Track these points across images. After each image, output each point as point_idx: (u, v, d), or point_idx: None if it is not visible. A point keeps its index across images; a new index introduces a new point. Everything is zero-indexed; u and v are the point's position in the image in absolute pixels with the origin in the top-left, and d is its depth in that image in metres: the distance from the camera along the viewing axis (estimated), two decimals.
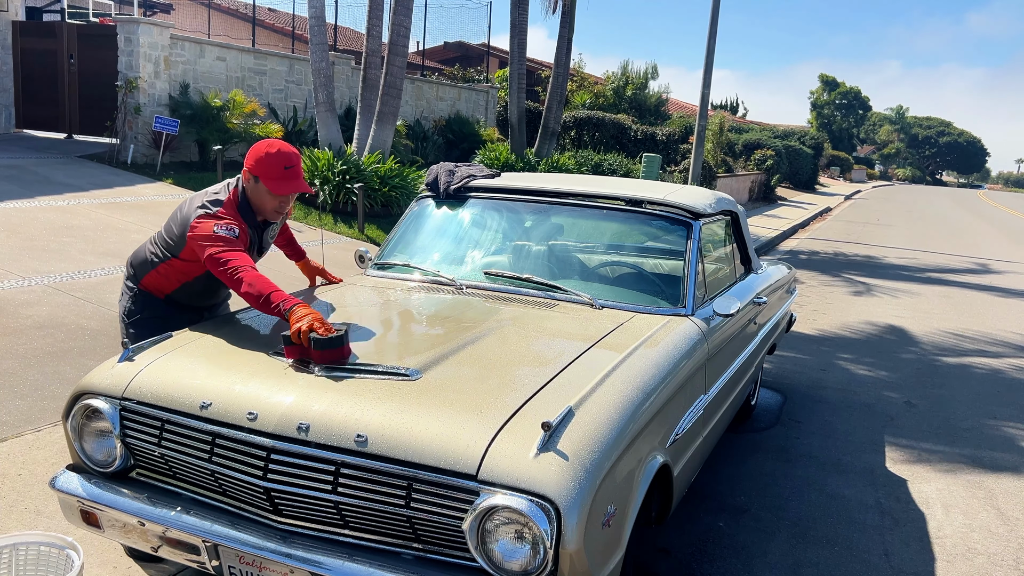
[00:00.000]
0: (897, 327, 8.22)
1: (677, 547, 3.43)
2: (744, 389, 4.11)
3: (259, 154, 2.96)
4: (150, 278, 3.17)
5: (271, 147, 2.97)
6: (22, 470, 3.52)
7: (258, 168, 2.95)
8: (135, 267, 3.24)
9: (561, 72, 16.31)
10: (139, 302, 3.21)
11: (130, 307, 3.23)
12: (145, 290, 3.20)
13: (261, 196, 3.01)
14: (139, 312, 3.20)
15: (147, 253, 3.19)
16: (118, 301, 3.33)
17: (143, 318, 3.19)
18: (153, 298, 3.20)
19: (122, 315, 3.27)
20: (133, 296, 3.22)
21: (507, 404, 2.24)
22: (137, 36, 11.85)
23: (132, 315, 3.21)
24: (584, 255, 3.75)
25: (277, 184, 2.96)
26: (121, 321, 3.28)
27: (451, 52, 28.43)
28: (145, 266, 3.19)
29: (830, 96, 69.54)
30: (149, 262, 3.16)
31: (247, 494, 2.28)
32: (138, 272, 3.22)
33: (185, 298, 3.23)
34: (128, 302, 3.24)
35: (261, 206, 3.04)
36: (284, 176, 2.97)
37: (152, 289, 3.19)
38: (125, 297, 3.27)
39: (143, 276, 3.19)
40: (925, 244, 16.80)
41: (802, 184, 31.24)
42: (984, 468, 4.61)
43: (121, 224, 8.40)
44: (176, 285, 3.16)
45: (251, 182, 3.00)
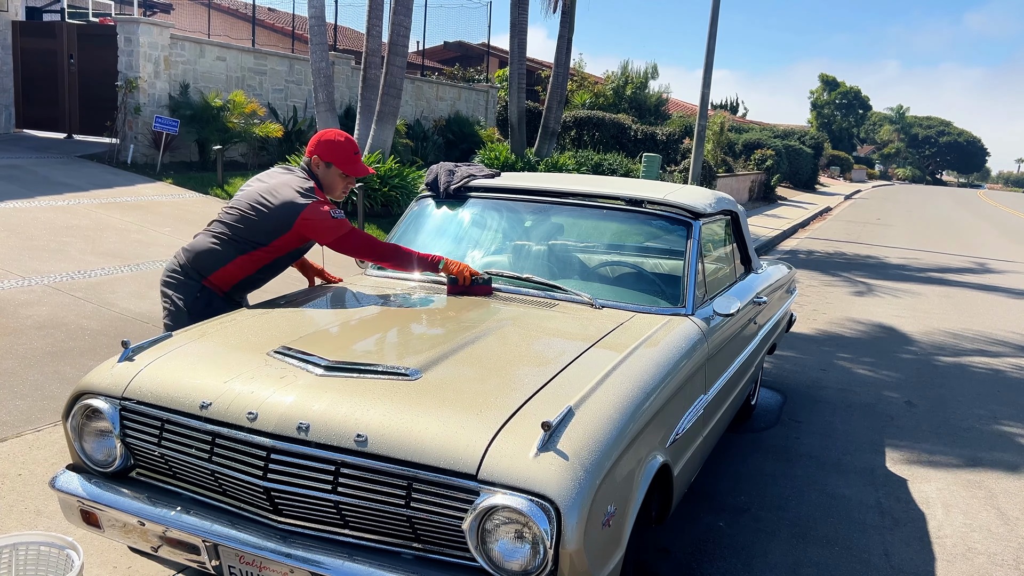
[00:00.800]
0: (897, 327, 8.22)
1: (677, 547, 3.43)
2: (744, 389, 4.11)
3: (331, 141, 3.34)
4: (224, 271, 3.26)
5: (339, 136, 3.37)
6: (22, 470, 3.52)
7: (331, 154, 3.33)
8: (199, 261, 3.26)
9: (561, 72, 16.30)
10: (203, 299, 3.28)
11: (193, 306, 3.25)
12: (209, 286, 3.28)
13: (333, 179, 3.37)
14: (203, 308, 3.25)
15: (214, 245, 3.25)
16: (167, 298, 3.30)
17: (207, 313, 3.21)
18: (214, 294, 3.30)
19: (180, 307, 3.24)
20: (194, 290, 3.26)
21: (507, 404, 2.24)
22: (137, 36, 11.85)
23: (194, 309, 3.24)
24: (584, 255, 3.75)
25: (350, 167, 3.36)
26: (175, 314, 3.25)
27: (451, 52, 28.43)
28: (216, 259, 3.24)
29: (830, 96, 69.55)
30: (222, 255, 3.24)
31: (247, 494, 2.28)
32: (206, 266, 3.26)
33: (245, 287, 3.40)
34: (189, 300, 3.25)
35: (332, 188, 3.39)
36: (355, 160, 3.37)
37: (218, 283, 3.29)
38: (180, 293, 3.26)
39: (214, 270, 3.25)
40: (925, 244, 16.80)
41: (802, 184, 31.24)
42: (984, 468, 4.61)
43: (121, 224, 8.40)
44: (247, 275, 3.32)
45: (322, 167, 3.35)
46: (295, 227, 3.19)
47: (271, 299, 3.30)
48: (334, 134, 3.36)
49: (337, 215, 3.22)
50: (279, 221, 3.20)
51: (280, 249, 3.30)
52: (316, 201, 3.21)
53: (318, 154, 3.33)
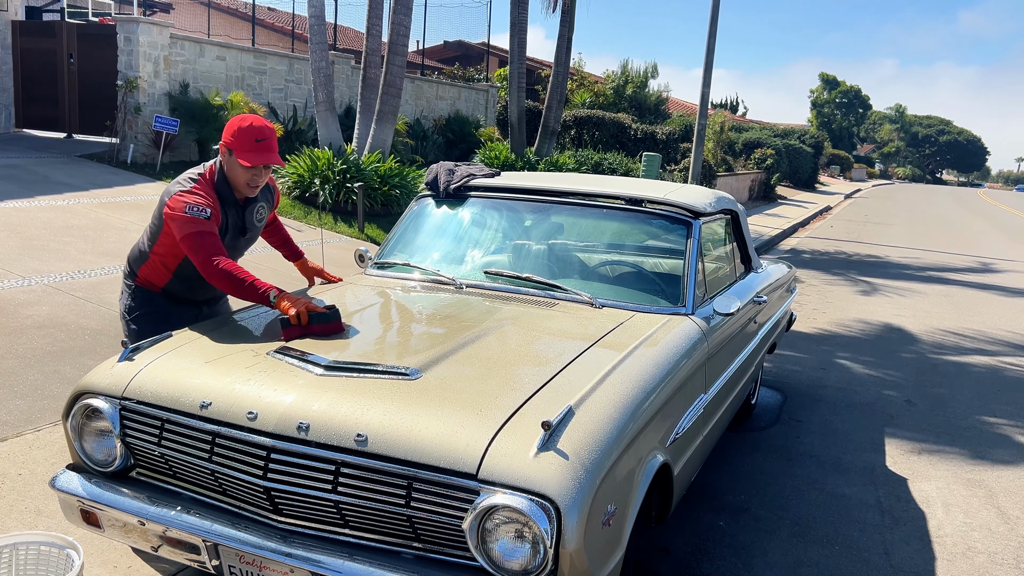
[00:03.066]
0: (897, 326, 8.22)
1: (677, 546, 3.43)
2: (744, 388, 4.11)
3: (233, 127, 3.01)
4: (144, 271, 3.20)
5: (243, 121, 3.02)
6: (22, 470, 3.52)
7: (231, 141, 3.00)
8: (131, 263, 3.27)
9: (561, 71, 16.29)
10: (137, 298, 3.22)
11: (129, 304, 3.24)
12: (141, 285, 3.22)
13: (234, 169, 3.04)
14: (138, 308, 3.21)
15: (139, 246, 3.23)
16: (118, 300, 3.35)
17: (143, 314, 3.20)
18: (150, 293, 3.22)
19: (123, 312, 3.28)
20: (131, 292, 3.24)
21: (507, 403, 2.24)
22: (137, 35, 11.85)
23: (132, 312, 3.22)
24: (584, 254, 3.75)
25: (248, 155, 2.98)
26: (122, 319, 3.29)
27: (451, 51, 28.42)
28: (139, 260, 3.22)
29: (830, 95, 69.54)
30: (142, 255, 3.20)
31: (247, 493, 2.28)
32: (133, 267, 3.24)
33: (180, 290, 3.23)
34: (127, 299, 3.26)
35: (235, 180, 3.08)
36: (255, 148, 3.00)
37: (148, 283, 3.21)
38: (124, 295, 3.29)
39: (138, 270, 3.22)
40: (925, 243, 16.80)
41: (802, 183, 31.23)
42: (984, 467, 4.61)
43: (121, 224, 8.40)
44: (168, 275, 3.17)
45: (226, 155, 3.05)
46: (164, 219, 2.98)
47: None
48: (242, 119, 3.03)
49: (194, 212, 2.89)
50: (158, 214, 3.06)
51: (169, 250, 3.08)
52: (184, 191, 2.96)
53: (223, 140, 3.04)
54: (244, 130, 3.00)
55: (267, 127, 3.05)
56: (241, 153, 2.98)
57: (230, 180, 3.09)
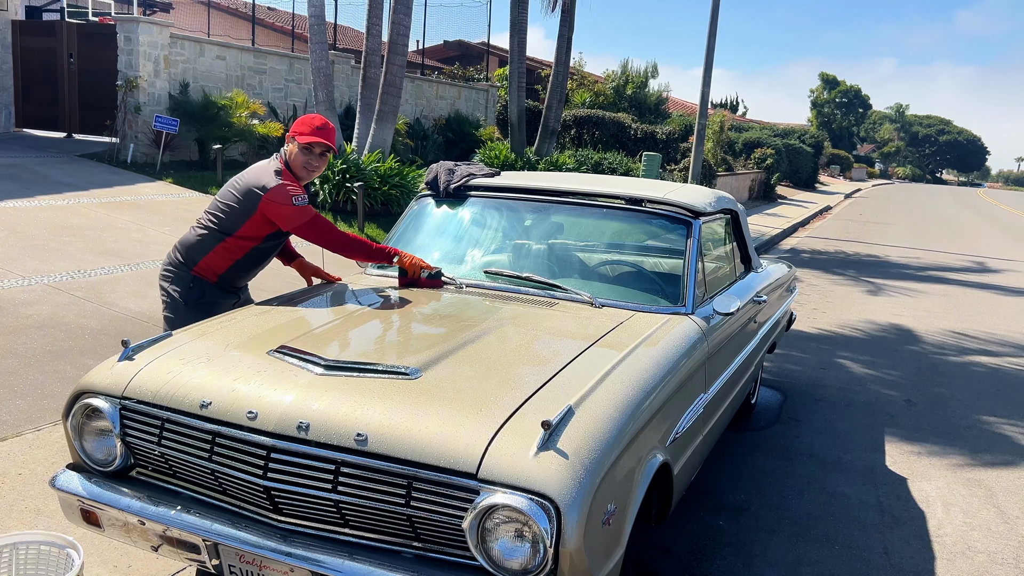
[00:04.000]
0: (897, 325, 8.22)
1: (677, 546, 3.43)
2: (744, 388, 4.11)
3: (298, 121, 3.37)
4: (207, 260, 3.34)
5: (308, 116, 3.38)
6: (22, 469, 3.52)
7: (295, 128, 3.34)
8: (188, 253, 3.37)
9: (561, 71, 16.29)
10: (196, 288, 3.36)
11: (184, 291, 3.35)
12: (199, 275, 3.36)
13: (295, 155, 3.34)
14: (196, 297, 3.35)
15: (199, 236, 3.36)
16: (164, 291, 3.41)
17: (201, 302, 3.34)
18: (205, 282, 3.37)
19: (176, 299, 3.35)
20: (186, 281, 3.36)
21: (507, 403, 2.24)
22: (137, 35, 11.85)
23: (189, 299, 3.35)
24: (584, 254, 3.75)
25: (305, 136, 3.30)
26: (172, 307, 3.37)
27: (451, 51, 28.41)
28: (200, 249, 3.34)
29: (830, 94, 69.52)
30: (204, 244, 3.33)
31: (247, 493, 2.28)
32: (192, 257, 3.36)
33: (234, 277, 3.43)
34: (179, 287, 3.36)
35: (296, 166, 3.35)
36: (314, 132, 3.32)
37: (207, 272, 3.36)
38: (175, 283, 3.37)
39: (198, 260, 3.34)
40: (925, 243, 16.80)
41: (802, 183, 31.22)
42: (984, 466, 4.61)
43: (121, 223, 8.40)
44: (231, 262, 3.36)
45: (289, 144, 3.35)
46: (260, 210, 3.23)
47: (271, 298, 3.30)
48: (311, 117, 3.38)
49: (300, 201, 3.22)
50: (246, 206, 3.25)
51: (252, 235, 3.31)
52: (281, 183, 3.22)
53: (290, 132, 3.38)
54: (308, 119, 3.36)
55: (328, 123, 3.39)
56: (302, 135, 3.30)
57: (293, 168, 3.35)
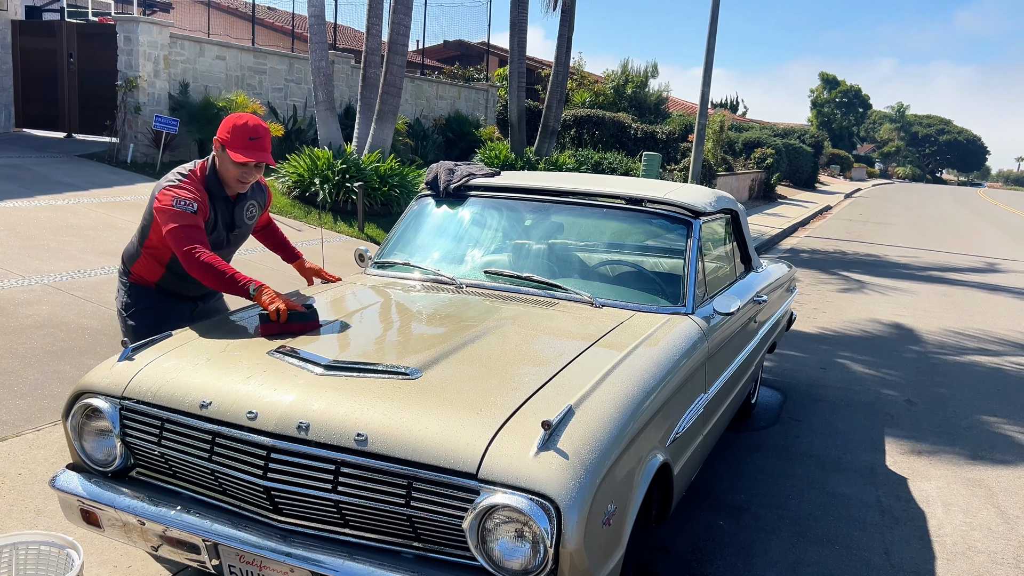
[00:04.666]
0: (897, 325, 8.22)
1: (677, 546, 3.43)
2: (744, 387, 4.11)
3: (228, 124, 3.05)
4: (137, 267, 3.25)
5: (239, 118, 3.06)
6: (22, 469, 3.52)
7: (226, 137, 3.04)
8: (125, 260, 3.33)
9: (561, 70, 16.29)
10: (132, 294, 3.28)
11: (125, 300, 3.30)
12: (135, 282, 3.28)
13: (225, 164, 3.07)
14: (135, 304, 3.27)
15: (132, 242, 3.29)
16: (115, 298, 3.40)
17: (139, 310, 3.26)
18: (145, 288, 3.27)
19: (119, 309, 3.32)
20: (126, 289, 3.30)
21: (507, 403, 2.24)
22: (136, 35, 11.85)
23: (128, 308, 3.28)
24: (584, 254, 3.75)
25: (241, 152, 3.01)
26: (119, 316, 3.33)
27: (451, 51, 28.41)
28: (132, 256, 3.28)
29: (830, 94, 69.50)
30: (135, 251, 3.26)
31: (247, 493, 2.28)
32: (127, 264, 3.30)
33: (173, 284, 3.26)
34: (123, 296, 3.31)
35: (225, 175, 3.11)
36: (248, 146, 3.03)
37: (142, 279, 3.26)
38: (120, 292, 3.34)
39: (131, 266, 3.27)
40: (925, 242, 16.80)
41: (802, 182, 31.22)
42: (984, 466, 4.61)
43: (121, 223, 8.40)
44: (160, 270, 3.22)
45: (219, 150, 3.07)
46: (155, 213, 3.03)
47: None
48: (236, 117, 3.07)
49: (181, 206, 2.93)
50: (149, 208, 3.10)
51: (159, 243, 3.11)
52: (173, 185, 3.00)
53: (217, 136, 3.07)
54: (239, 127, 3.03)
55: (262, 126, 3.07)
56: (234, 149, 3.01)
57: (221, 176, 3.12)
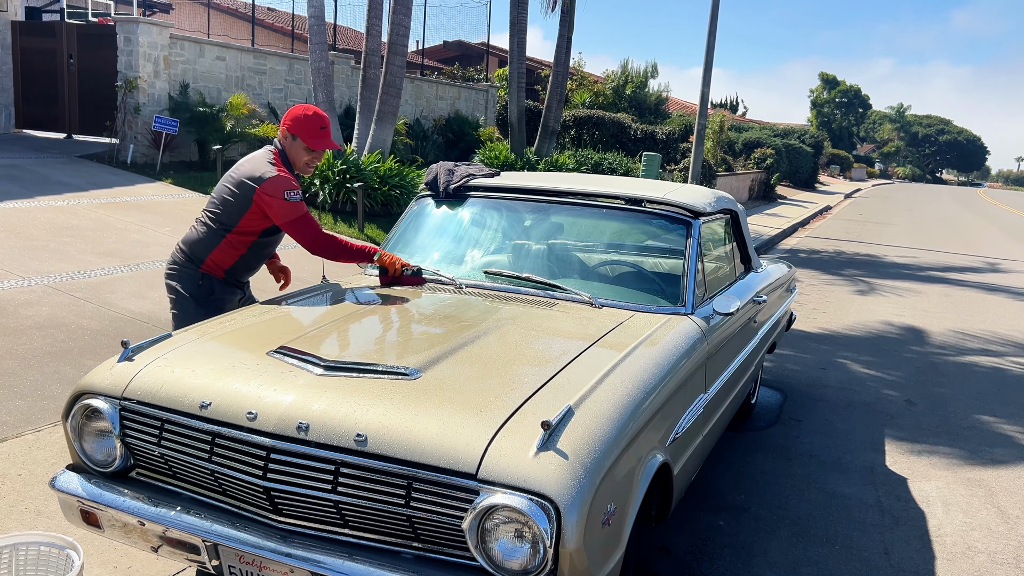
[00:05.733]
0: (897, 325, 8.22)
1: (677, 546, 3.43)
2: (744, 388, 4.11)
3: (298, 115, 3.35)
4: (216, 255, 3.36)
5: (307, 110, 3.37)
6: (22, 470, 3.52)
7: (297, 127, 3.33)
8: (193, 250, 3.39)
9: (561, 71, 16.29)
10: (203, 284, 3.39)
11: (197, 292, 3.38)
12: (207, 271, 3.38)
13: (298, 152, 3.38)
14: (203, 294, 3.38)
15: (202, 233, 3.38)
16: (172, 290, 3.42)
17: (212, 299, 3.37)
18: (214, 279, 3.40)
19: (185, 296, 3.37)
20: (195, 279, 3.38)
21: (507, 403, 2.24)
22: (136, 36, 11.85)
23: (199, 297, 3.37)
24: (584, 254, 3.75)
25: (315, 140, 3.35)
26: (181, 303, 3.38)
27: (451, 51, 28.41)
28: (207, 244, 3.36)
29: (830, 94, 69.51)
30: (208, 240, 3.35)
31: (247, 494, 2.28)
32: (198, 254, 3.38)
33: (239, 271, 3.46)
34: (192, 288, 3.38)
35: (296, 161, 3.41)
36: (320, 135, 3.37)
37: (215, 266, 3.38)
38: (184, 280, 3.38)
39: (205, 257, 3.36)
40: (925, 242, 16.80)
41: (802, 183, 31.22)
42: (984, 466, 4.61)
43: (121, 224, 8.40)
44: (236, 256, 3.39)
45: (288, 140, 3.37)
46: (255, 202, 3.25)
47: (271, 298, 3.30)
48: (303, 108, 3.38)
49: (292, 196, 3.24)
50: (242, 199, 3.28)
51: (251, 229, 3.34)
52: (275, 176, 3.24)
53: (286, 126, 3.36)
54: (310, 118, 3.35)
55: (325, 116, 3.43)
56: (309, 139, 3.34)
57: (292, 162, 3.41)
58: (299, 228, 3.27)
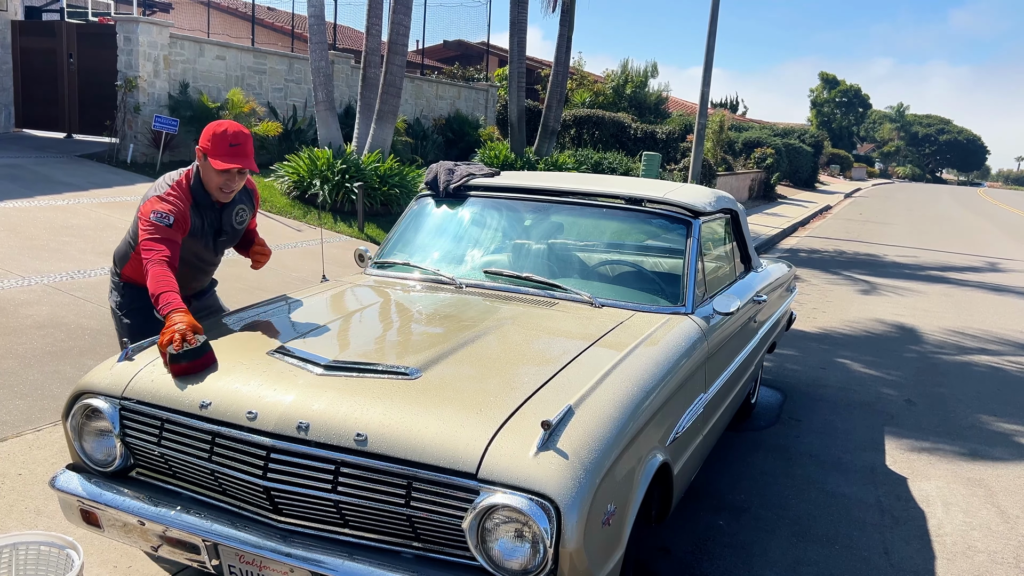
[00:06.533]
0: (897, 325, 8.22)
1: (677, 546, 3.43)
2: (744, 387, 4.11)
3: (208, 132, 3.03)
4: (129, 267, 3.27)
5: (219, 126, 3.05)
6: (22, 470, 3.52)
7: (206, 145, 3.02)
8: (116, 260, 3.34)
9: (561, 70, 16.29)
10: (125, 293, 3.30)
11: (118, 300, 3.32)
12: (127, 281, 3.29)
13: (208, 173, 3.06)
14: (128, 304, 3.29)
15: (122, 244, 3.31)
16: (108, 297, 3.41)
17: (133, 308, 3.27)
18: (137, 287, 3.25)
19: (113, 309, 3.34)
20: (119, 288, 3.32)
21: (507, 403, 2.24)
22: (136, 35, 11.85)
23: (122, 307, 3.30)
24: (584, 254, 3.75)
25: (221, 159, 2.99)
26: (113, 315, 3.35)
27: (451, 51, 28.41)
28: (123, 257, 3.29)
29: (830, 94, 69.51)
30: (126, 252, 3.28)
31: (247, 493, 2.28)
32: (119, 264, 3.32)
33: None
34: (116, 295, 3.33)
35: (208, 183, 3.09)
36: (229, 152, 3.00)
37: (134, 279, 3.26)
38: (113, 291, 3.35)
39: (123, 266, 3.29)
40: (925, 242, 16.80)
41: (802, 182, 31.22)
42: (984, 466, 4.61)
43: (120, 223, 8.40)
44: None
45: (201, 159, 3.06)
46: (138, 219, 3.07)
47: (270, 298, 3.30)
48: (218, 124, 3.06)
49: (158, 219, 2.94)
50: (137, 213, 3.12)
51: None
52: (155, 196, 3.03)
53: (199, 144, 3.06)
54: (219, 135, 3.01)
55: (242, 132, 3.06)
56: (215, 157, 2.99)
57: (205, 184, 3.10)
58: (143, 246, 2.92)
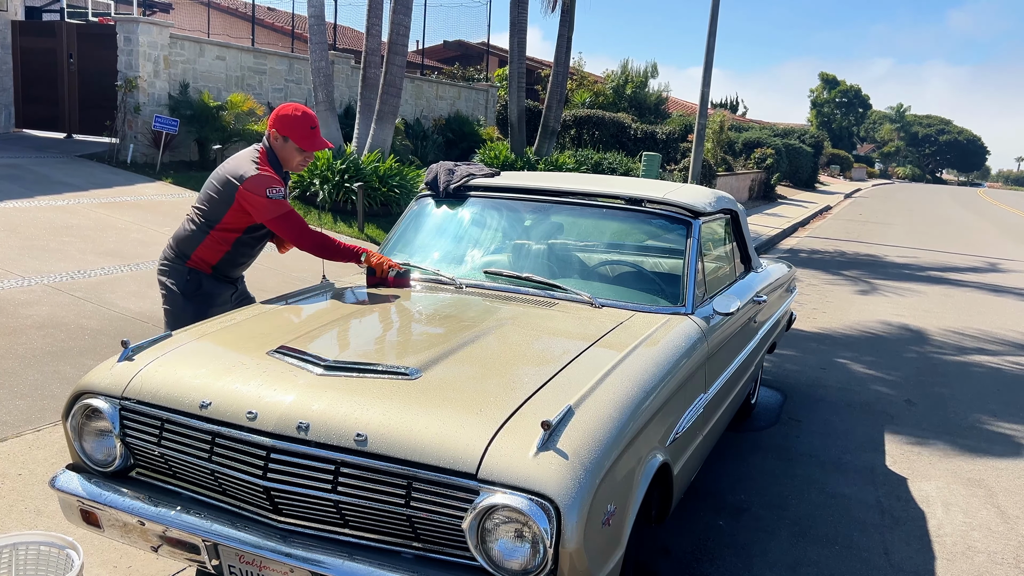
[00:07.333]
0: (897, 325, 8.22)
1: (677, 546, 3.43)
2: (744, 388, 4.11)
3: (286, 117, 3.35)
4: (200, 251, 3.39)
5: (296, 110, 3.38)
6: (22, 470, 3.52)
7: (288, 128, 3.34)
8: (181, 245, 3.43)
9: (561, 71, 16.29)
10: (192, 278, 3.42)
11: (184, 284, 3.41)
12: (194, 266, 3.41)
13: (289, 152, 3.39)
14: (194, 289, 3.41)
15: (189, 230, 3.41)
16: (162, 285, 3.45)
17: (199, 293, 3.41)
18: (201, 273, 3.42)
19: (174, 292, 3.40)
20: (182, 273, 3.42)
21: (507, 403, 2.24)
22: (136, 35, 11.85)
23: (187, 292, 3.40)
24: (584, 254, 3.75)
25: (306, 141, 3.37)
26: (170, 300, 3.42)
27: (451, 51, 28.42)
28: (193, 240, 3.40)
29: (830, 94, 69.53)
30: (195, 237, 3.39)
31: (247, 493, 2.28)
32: (185, 250, 3.41)
33: (228, 267, 3.48)
34: (177, 280, 3.41)
35: (288, 161, 3.43)
36: (311, 135, 3.38)
37: (201, 263, 3.41)
38: (172, 277, 3.42)
39: (191, 253, 3.40)
40: (925, 242, 16.80)
41: (802, 183, 31.22)
42: (984, 466, 4.61)
43: (121, 223, 8.40)
44: (222, 252, 3.41)
45: (279, 141, 3.38)
46: (237, 200, 3.27)
47: (271, 298, 3.30)
48: (292, 108, 3.38)
49: (274, 194, 3.24)
50: (225, 196, 3.31)
51: (234, 226, 3.35)
52: (257, 174, 3.25)
53: (275, 128, 3.36)
54: (298, 119, 3.35)
55: (311, 114, 3.42)
56: (300, 139, 3.35)
57: (282, 162, 3.42)
58: (283, 225, 3.29)
